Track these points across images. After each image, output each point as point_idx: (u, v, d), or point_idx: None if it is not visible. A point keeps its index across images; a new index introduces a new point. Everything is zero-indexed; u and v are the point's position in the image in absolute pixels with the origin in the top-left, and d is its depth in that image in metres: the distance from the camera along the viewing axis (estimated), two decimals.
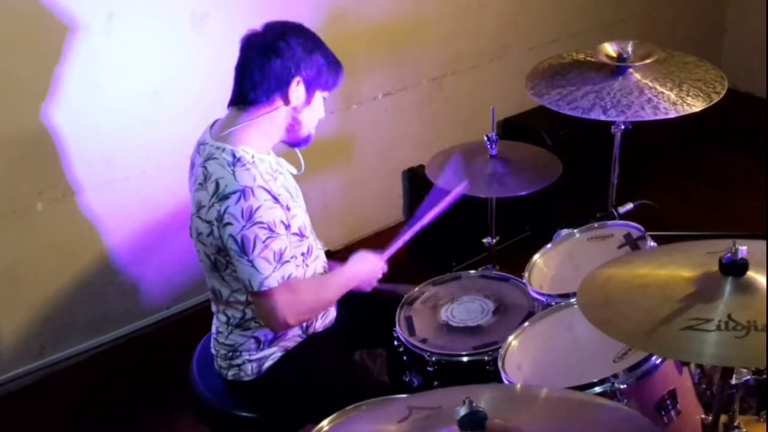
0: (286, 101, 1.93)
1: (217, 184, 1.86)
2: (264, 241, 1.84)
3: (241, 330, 2.03)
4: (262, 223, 1.84)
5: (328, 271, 2.16)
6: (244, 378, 2.07)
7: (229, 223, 1.83)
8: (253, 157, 1.91)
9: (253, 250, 1.83)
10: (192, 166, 2.01)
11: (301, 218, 2.02)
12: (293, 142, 2.04)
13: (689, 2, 4.08)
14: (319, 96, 1.99)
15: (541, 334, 1.94)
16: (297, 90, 1.93)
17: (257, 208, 1.83)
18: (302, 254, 2.03)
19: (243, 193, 1.83)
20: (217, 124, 2.01)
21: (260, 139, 1.95)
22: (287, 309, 1.90)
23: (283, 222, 1.89)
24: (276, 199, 1.89)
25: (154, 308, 2.88)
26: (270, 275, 1.85)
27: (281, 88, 1.92)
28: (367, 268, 2.14)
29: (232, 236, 1.83)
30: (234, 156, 1.89)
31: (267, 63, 1.90)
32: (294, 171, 2.10)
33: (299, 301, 1.93)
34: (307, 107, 1.97)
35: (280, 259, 1.86)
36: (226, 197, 1.84)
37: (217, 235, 1.86)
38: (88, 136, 2.53)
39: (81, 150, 2.54)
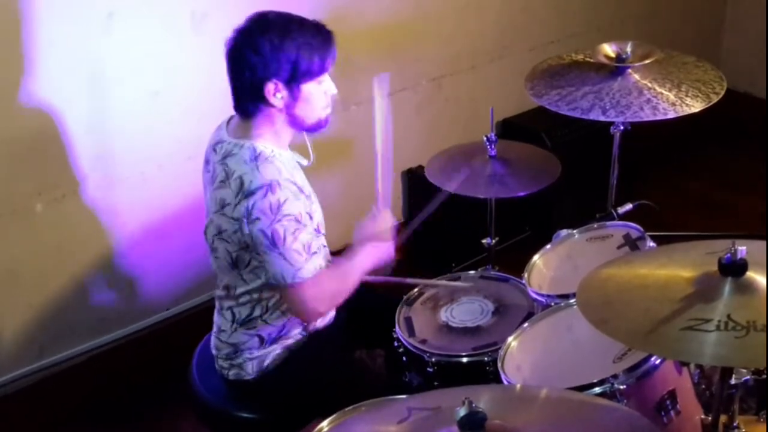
0: (272, 106, 1.90)
1: (242, 181, 1.85)
2: (293, 233, 1.84)
3: (246, 328, 2.03)
4: (290, 215, 1.84)
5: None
6: (245, 377, 2.07)
7: (257, 219, 1.83)
8: (272, 151, 1.91)
9: (284, 242, 1.84)
10: (206, 163, 2.00)
11: (318, 215, 2.03)
12: (308, 130, 2.01)
13: (689, 2, 4.08)
14: (309, 86, 1.90)
15: (540, 334, 1.94)
16: (277, 91, 1.87)
17: (284, 201, 1.84)
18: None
19: (269, 187, 1.83)
20: (233, 123, 1.99)
21: (274, 137, 1.95)
22: (318, 300, 1.93)
23: (309, 213, 1.91)
24: (301, 190, 1.90)
25: (154, 309, 2.88)
26: (303, 267, 1.87)
27: (259, 98, 1.88)
28: (381, 247, 2.11)
29: (263, 231, 1.83)
30: (254, 151, 1.88)
31: (241, 77, 1.88)
32: (304, 162, 2.09)
33: (327, 289, 1.95)
34: (298, 102, 1.91)
35: (309, 250, 1.88)
36: (252, 193, 1.83)
37: (246, 231, 1.85)
38: (87, 136, 2.53)
39: (81, 150, 2.54)
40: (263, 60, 1.84)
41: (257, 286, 1.97)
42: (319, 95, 1.94)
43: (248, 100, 1.91)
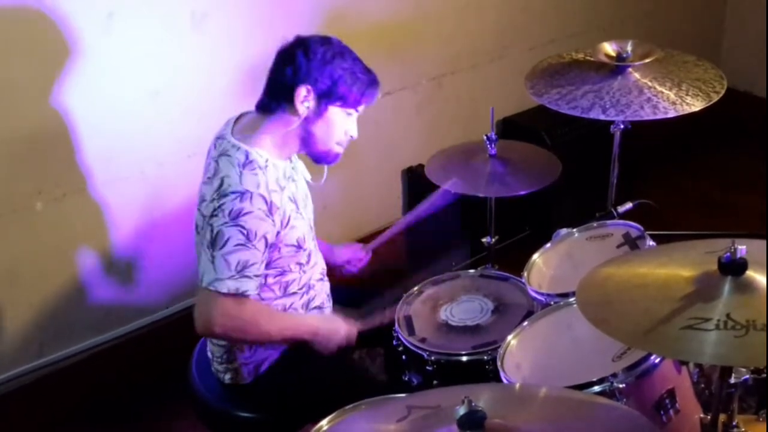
0: (294, 111, 1.91)
1: (222, 182, 1.85)
2: (235, 245, 1.82)
3: None
4: (242, 227, 1.82)
5: (325, 271, 2.16)
6: (241, 381, 2.06)
7: (215, 216, 1.83)
8: (267, 161, 1.90)
9: (221, 248, 1.82)
10: (207, 154, 2.00)
11: (301, 230, 2.00)
12: (313, 156, 2.01)
13: (689, 2, 4.08)
14: (336, 111, 1.94)
15: (540, 333, 1.94)
16: (306, 100, 1.90)
17: (246, 213, 1.83)
18: (299, 264, 2.02)
19: (242, 195, 1.83)
20: (242, 120, 1.99)
21: (278, 146, 1.95)
22: (221, 318, 1.85)
23: (265, 237, 1.86)
24: (270, 212, 1.86)
25: (154, 307, 2.88)
26: (223, 279, 1.82)
27: (288, 98, 1.90)
28: (331, 332, 2.04)
29: (211, 227, 1.83)
30: (247, 157, 1.88)
31: (281, 71, 1.91)
32: (308, 177, 2.09)
33: (238, 318, 1.87)
34: (319, 120, 1.93)
35: (241, 270, 1.83)
36: (225, 195, 1.84)
37: (207, 227, 1.86)
38: (88, 136, 2.54)
39: (81, 150, 2.54)
40: (309, 65, 1.88)
41: None
42: (340, 125, 1.97)
43: (276, 96, 1.92)
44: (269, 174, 1.90)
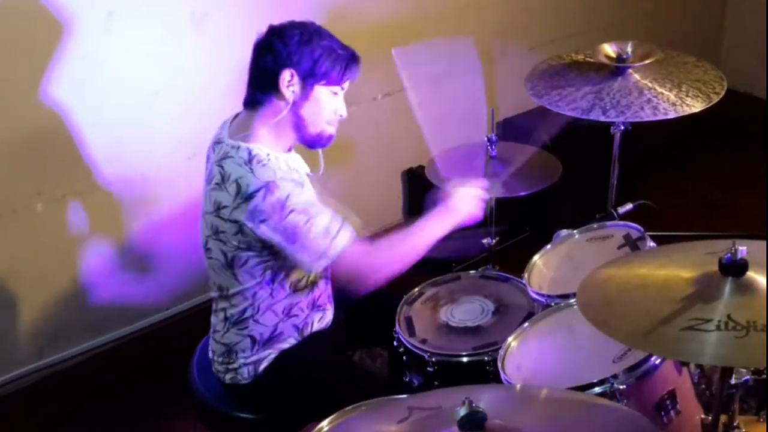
0: (281, 98, 1.92)
1: (238, 184, 1.84)
2: (305, 225, 1.84)
3: (238, 329, 2.02)
4: (296, 209, 1.83)
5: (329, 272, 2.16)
6: (241, 381, 2.06)
7: (264, 219, 1.83)
8: (268, 155, 1.90)
9: (300, 236, 1.84)
10: (207, 159, 2.00)
11: None
12: (307, 142, 2.01)
13: (689, 2, 4.08)
14: (322, 90, 1.94)
15: (540, 334, 1.94)
16: (291, 84, 1.90)
17: (286, 197, 1.83)
18: None
19: (267, 187, 1.83)
20: (236, 121, 1.99)
21: (274, 139, 1.95)
22: (359, 268, 1.94)
23: (315, 200, 1.89)
24: (300, 183, 1.88)
25: (154, 309, 2.88)
26: (327, 251, 1.87)
27: (273, 86, 1.91)
28: (466, 205, 2.11)
29: (274, 229, 1.84)
30: (249, 154, 1.88)
31: (261, 62, 1.91)
32: (307, 170, 2.09)
33: (360, 261, 1.94)
34: (307, 102, 1.93)
35: (327, 234, 1.86)
36: (251, 196, 1.83)
37: (256, 232, 1.85)
38: (87, 136, 2.53)
39: (81, 150, 2.54)
40: (287, 49, 1.89)
41: (251, 285, 1.96)
42: (328, 104, 1.97)
43: (261, 88, 1.93)
44: (275, 163, 1.90)
